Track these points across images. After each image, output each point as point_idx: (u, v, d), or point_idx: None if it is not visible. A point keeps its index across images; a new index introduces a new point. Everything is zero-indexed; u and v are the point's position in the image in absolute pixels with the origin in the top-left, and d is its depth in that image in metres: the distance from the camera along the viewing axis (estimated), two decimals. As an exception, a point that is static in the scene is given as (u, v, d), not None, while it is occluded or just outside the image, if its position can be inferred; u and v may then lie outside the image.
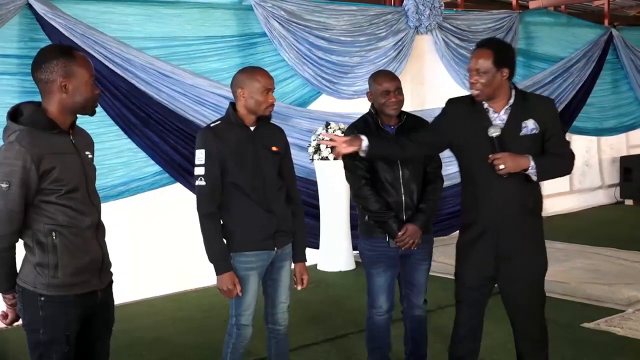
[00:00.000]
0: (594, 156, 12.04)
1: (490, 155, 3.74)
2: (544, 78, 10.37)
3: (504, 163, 3.72)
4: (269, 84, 3.93)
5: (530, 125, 3.79)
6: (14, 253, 3.07)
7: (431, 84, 8.92)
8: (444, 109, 4.10)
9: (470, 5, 10.51)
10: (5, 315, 3.22)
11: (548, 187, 11.23)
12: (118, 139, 6.78)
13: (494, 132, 3.75)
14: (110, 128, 6.64)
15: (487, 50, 3.77)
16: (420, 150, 4.15)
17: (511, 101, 3.85)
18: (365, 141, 3.94)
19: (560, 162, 3.89)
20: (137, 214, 6.92)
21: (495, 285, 4.00)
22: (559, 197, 11.35)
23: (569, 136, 11.15)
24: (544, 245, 4.06)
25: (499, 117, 3.83)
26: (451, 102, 4.06)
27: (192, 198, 4.00)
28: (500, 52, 3.78)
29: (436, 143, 4.09)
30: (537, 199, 3.98)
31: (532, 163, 3.73)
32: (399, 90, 4.36)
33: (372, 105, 4.43)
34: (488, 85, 3.76)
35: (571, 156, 3.93)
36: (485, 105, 3.86)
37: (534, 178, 3.79)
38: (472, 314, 4.04)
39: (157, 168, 7.06)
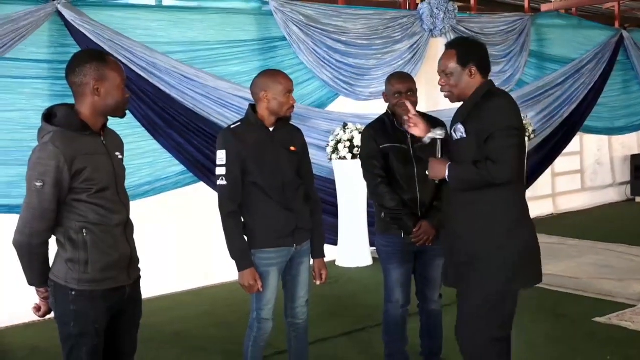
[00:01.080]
0: (605, 154, 12.09)
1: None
2: (556, 79, 10.41)
3: (429, 169, 3.67)
4: (290, 86, 3.99)
5: (459, 130, 3.57)
6: (47, 249, 3.12)
7: (445, 86, 8.94)
8: None
9: (483, 8, 10.59)
10: (38, 308, 3.28)
11: (560, 185, 11.36)
12: (143, 140, 6.86)
13: (436, 135, 3.69)
14: (136, 129, 6.70)
15: (451, 51, 3.63)
16: None
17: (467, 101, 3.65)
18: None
19: (473, 172, 3.49)
20: (161, 212, 7.00)
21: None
22: (571, 194, 11.44)
23: (579, 135, 11.24)
24: (490, 266, 3.53)
25: None
26: None
27: (214, 197, 4.05)
28: (465, 51, 3.61)
29: None
30: (491, 210, 3.54)
31: (447, 172, 3.57)
32: (411, 91, 4.41)
33: (389, 106, 4.52)
34: (456, 85, 3.60)
35: (498, 165, 3.43)
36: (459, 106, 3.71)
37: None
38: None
39: (181, 168, 7.15)
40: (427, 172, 3.69)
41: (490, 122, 3.47)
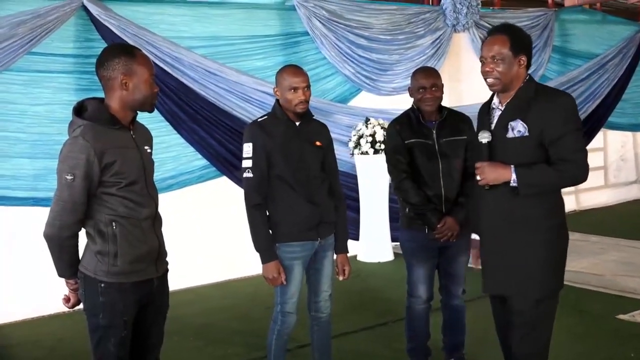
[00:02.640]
0: (629, 151, 11.98)
1: (476, 164, 3.46)
2: (579, 74, 10.37)
3: (482, 174, 3.40)
4: (294, 82, 3.95)
5: (517, 127, 3.36)
6: (77, 241, 3.15)
7: (468, 80, 8.76)
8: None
9: (506, 3, 10.55)
10: (67, 299, 3.31)
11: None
12: (167, 135, 6.93)
13: (483, 138, 3.44)
14: (160, 124, 6.75)
15: (503, 36, 3.40)
16: None
17: (512, 95, 3.45)
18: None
19: (553, 175, 3.33)
20: (185, 206, 7.04)
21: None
22: (594, 191, 11.31)
23: (603, 131, 11.13)
24: (540, 270, 3.44)
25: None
26: (487, 101, 3.68)
27: (237, 190, 4.06)
28: (518, 38, 3.41)
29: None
30: (539, 214, 3.42)
31: (514, 175, 3.32)
32: (435, 86, 4.39)
33: (414, 101, 4.50)
34: (505, 73, 3.38)
35: (578, 166, 3.36)
36: (495, 100, 3.52)
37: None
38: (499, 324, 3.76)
39: (204, 162, 7.21)
40: (477, 177, 3.43)
41: (562, 121, 3.33)
